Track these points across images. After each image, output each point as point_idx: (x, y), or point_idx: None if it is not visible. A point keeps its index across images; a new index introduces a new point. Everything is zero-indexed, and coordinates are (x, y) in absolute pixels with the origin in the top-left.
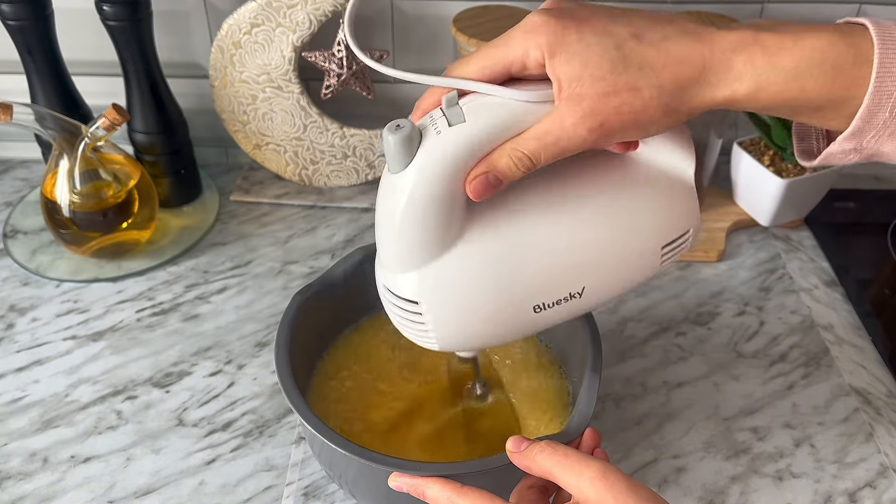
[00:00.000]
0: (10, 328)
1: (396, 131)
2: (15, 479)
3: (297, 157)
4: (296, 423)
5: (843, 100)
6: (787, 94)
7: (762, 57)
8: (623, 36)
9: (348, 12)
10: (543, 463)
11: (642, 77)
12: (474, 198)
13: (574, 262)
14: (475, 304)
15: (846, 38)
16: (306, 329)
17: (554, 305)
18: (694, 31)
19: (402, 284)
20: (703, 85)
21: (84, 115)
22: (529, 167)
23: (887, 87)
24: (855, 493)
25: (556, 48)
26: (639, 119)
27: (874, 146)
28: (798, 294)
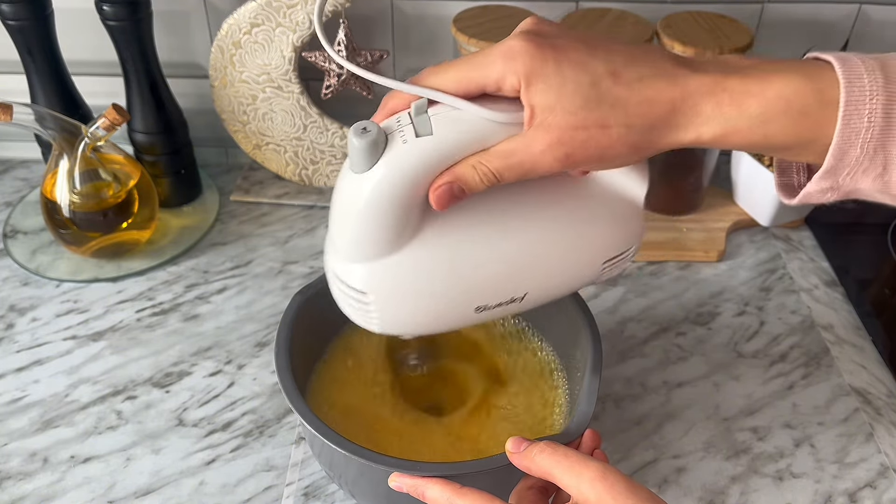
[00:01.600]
0: (10, 328)
1: (362, 135)
2: (15, 479)
3: (297, 157)
4: (296, 423)
5: (809, 141)
6: (752, 138)
7: (728, 103)
8: (600, 73)
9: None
10: (543, 463)
11: (613, 115)
12: (437, 207)
13: (520, 271)
14: (421, 299)
15: (812, 82)
16: (306, 329)
17: (495, 307)
18: (668, 73)
19: (352, 274)
20: (671, 127)
21: (84, 115)
22: (493, 183)
23: (855, 124)
24: (855, 493)
25: (533, 78)
26: (604, 154)
27: (850, 183)
28: (798, 294)
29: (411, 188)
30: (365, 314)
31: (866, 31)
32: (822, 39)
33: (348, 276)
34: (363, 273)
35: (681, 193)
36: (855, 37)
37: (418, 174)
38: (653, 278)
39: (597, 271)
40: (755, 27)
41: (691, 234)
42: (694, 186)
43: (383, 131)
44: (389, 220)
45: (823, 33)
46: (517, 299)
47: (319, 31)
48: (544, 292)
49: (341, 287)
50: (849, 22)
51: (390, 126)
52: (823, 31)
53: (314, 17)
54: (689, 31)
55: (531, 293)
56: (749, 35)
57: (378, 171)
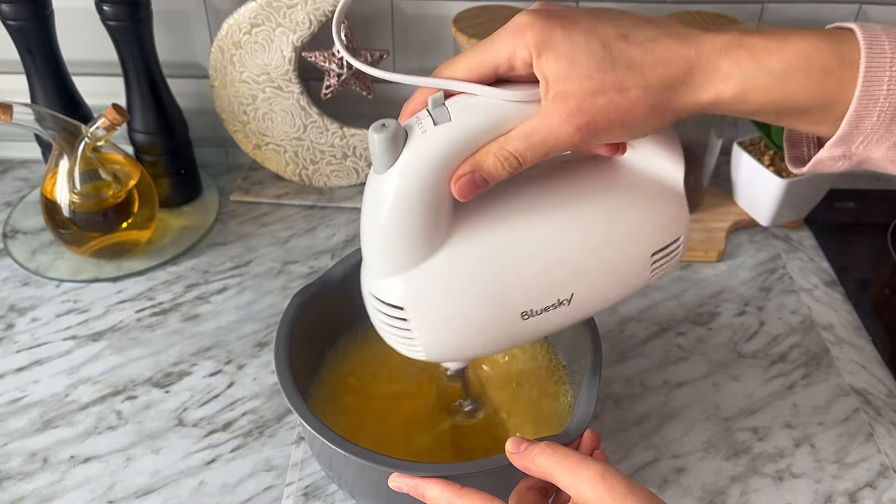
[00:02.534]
0: (10, 328)
1: (382, 130)
2: (15, 479)
3: (297, 157)
4: (296, 423)
5: (829, 103)
6: (772, 96)
7: (748, 59)
8: (610, 36)
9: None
10: (542, 464)
11: (629, 76)
12: (459, 197)
13: (562, 267)
14: (461, 309)
15: (832, 43)
16: (306, 329)
17: (542, 312)
18: (680, 33)
19: (388, 289)
20: (689, 86)
21: (84, 115)
22: (515, 167)
23: (874, 91)
24: (855, 493)
25: (543, 47)
26: (625, 119)
27: (863, 152)
28: (798, 294)
29: (436, 179)
30: (407, 337)
31: None
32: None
33: (382, 291)
34: (397, 285)
35: None
36: None
37: (441, 163)
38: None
39: (646, 267)
40: (755, 27)
41: (691, 234)
42: (694, 186)
43: (402, 127)
44: (419, 218)
45: None
46: (564, 301)
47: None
48: (593, 293)
49: (378, 307)
50: (849, 22)
51: (410, 123)
52: None
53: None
54: None
55: (578, 294)
56: None
57: (400, 165)
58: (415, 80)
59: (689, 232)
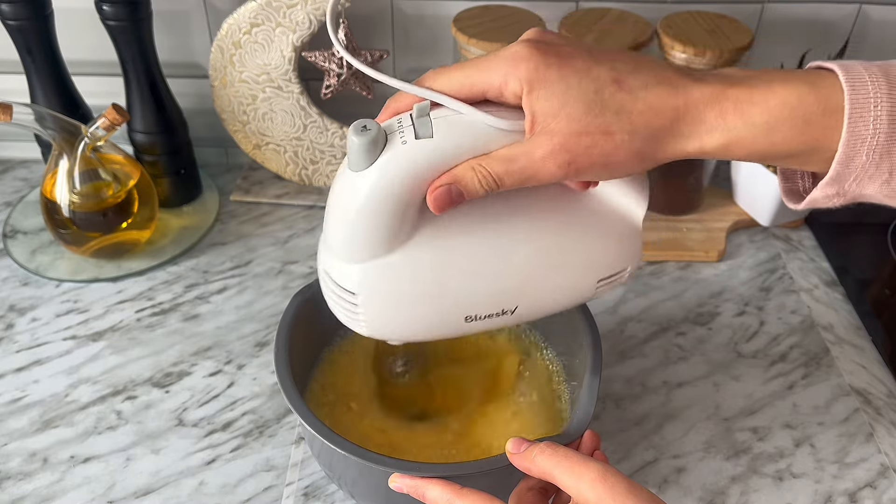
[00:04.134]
0: (10, 328)
1: (362, 133)
2: (15, 479)
3: (297, 157)
4: (296, 424)
5: (813, 150)
6: (756, 147)
7: (732, 112)
8: (604, 80)
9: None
10: (543, 464)
11: (616, 121)
12: (434, 209)
13: (511, 283)
14: (410, 305)
15: (815, 90)
16: (306, 329)
17: (485, 318)
18: (671, 82)
19: (344, 274)
20: (674, 135)
21: (84, 115)
22: (493, 188)
23: (860, 131)
24: (855, 493)
25: (536, 84)
26: (608, 161)
27: (856, 189)
28: (798, 294)
29: (408, 189)
30: (353, 315)
31: (866, 31)
32: (822, 39)
33: (340, 275)
34: (355, 274)
35: (681, 193)
36: (855, 37)
37: (416, 176)
38: (653, 278)
39: (591, 290)
40: (755, 27)
41: (691, 234)
42: (694, 186)
43: (383, 130)
44: (384, 221)
45: (823, 33)
46: (508, 311)
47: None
48: (536, 307)
49: (332, 286)
50: (849, 22)
51: (391, 126)
52: (823, 31)
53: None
54: (689, 31)
55: (522, 307)
56: (749, 35)
57: (375, 171)
58: (407, 86)
59: (641, 261)
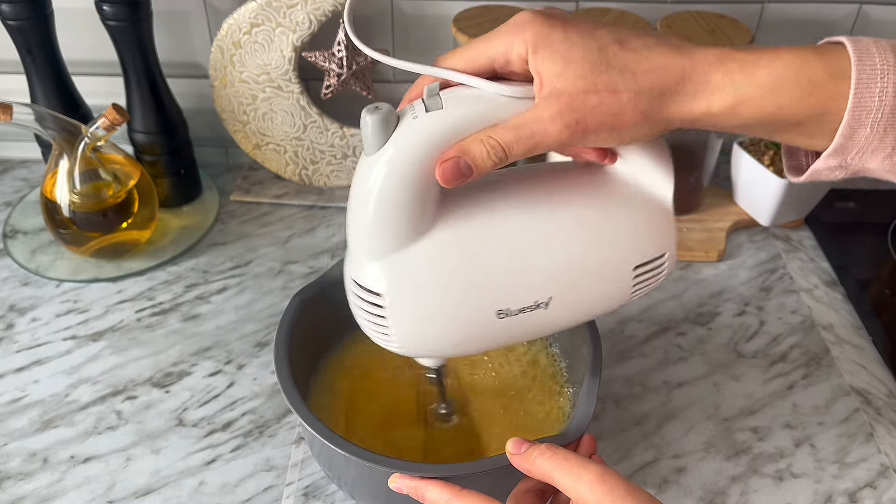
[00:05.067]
0: (10, 328)
1: (374, 112)
2: (15, 479)
3: (297, 157)
4: (296, 424)
5: (820, 115)
6: (764, 109)
7: (738, 71)
8: (607, 40)
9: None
10: (542, 465)
11: (622, 80)
12: (443, 182)
13: (541, 268)
14: (437, 299)
15: (822, 56)
16: (306, 329)
17: (518, 313)
18: (675, 44)
19: (368, 274)
20: (681, 95)
21: (84, 115)
22: (502, 157)
23: (866, 102)
24: (855, 493)
25: (540, 44)
26: (615, 121)
27: (859, 162)
28: (798, 294)
29: (423, 164)
30: (382, 326)
31: (866, 31)
32: (821, 39)
33: (362, 276)
34: (377, 271)
35: (681, 193)
36: None
37: (429, 148)
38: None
39: (628, 280)
40: (755, 27)
41: (691, 234)
42: (694, 186)
43: (394, 111)
44: (404, 201)
45: (823, 33)
46: (542, 304)
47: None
48: (572, 299)
49: (356, 291)
50: (849, 22)
51: (404, 110)
52: (823, 31)
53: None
54: (689, 31)
55: (556, 298)
56: (749, 35)
57: (389, 148)
58: (414, 66)
59: (676, 250)
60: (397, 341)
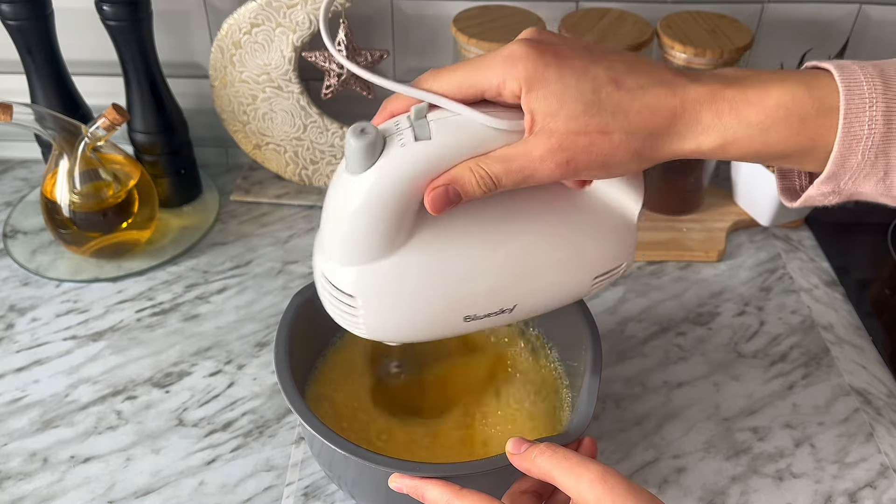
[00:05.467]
0: (10, 328)
1: (360, 136)
2: (15, 479)
3: (297, 157)
4: (296, 424)
5: (809, 149)
6: (752, 147)
7: (728, 112)
8: (602, 80)
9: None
10: (543, 465)
11: (614, 121)
12: (431, 210)
13: (511, 282)
14: (409, 306)
15: (811, 90)
16: (306, 329)
17: (484, 318)
18: (668, 83)
19: (342, 277)
20: (671, 135)
21: (84, 115)
22: (491, 188)
23: (855, 131)
24: (855, 493)
25: (535, 83)
26: (606, 161)
27: (852, 187)
28: (798, 294)
29: (406, 192)
30: (352, 318)
31: (866, 31)
32: (822, 39)
33: (337, 278)
34: (352, 277)
35: (681, 193)
36: (855, 37)
37: (414, 178)
38: (653, 278)
39: (587, 286)
40: (755, 27)
41: (691, 234)
42: (694, 186)
43: (381, 134)
44: (382, 224)
45: (823, 33)
46: (507, 310)
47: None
48: (534, 304)
49: (329, 289)
50: (849, 22)
51: (389, 129)
52: (823, 31)
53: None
54: (689, 31)
55: (521, 305)
56: (749, 35)
57: (373, 174)
58: (404, 89)
59: (634, 257)
60: (364, 330)
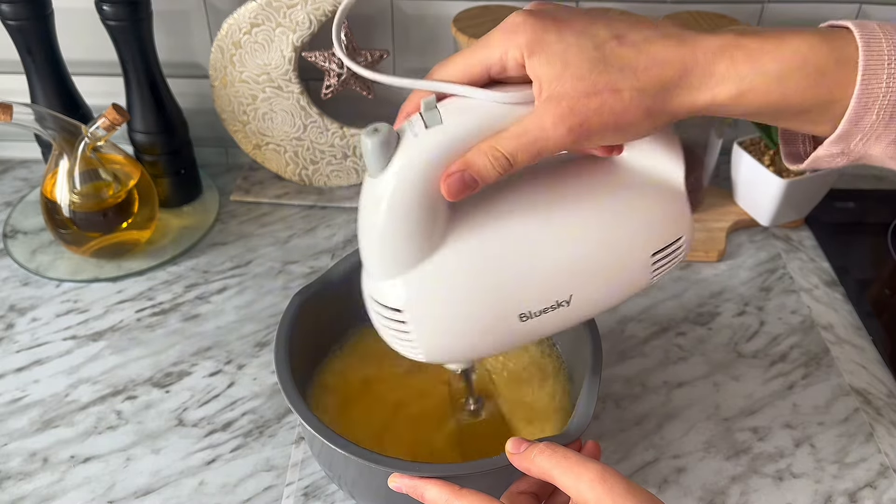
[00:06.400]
0: (10, 328)
1: (373, 135)
2: (15, 479)
3: (297, 157)
4: (296, 423)
5: (826, 103)
6: (769, 97)
7: (744, 60)
8: (603, 36)
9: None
10: (542, 464)
11: (623, 78)
12: (448, 196)
13: (559, 269)
14: (458, 310)
15: (829, 41)
16: (306, 329)
17: (540, 314)
18: (676, 35)
19: (386, 292)
20: (684, 87)
21: (84, 115)
22: (506, 167)
23: (873, 88)
24: (855, 493)
25: (536, 48)
26: (619, 121)
27: (861, 149)
28: (798, 294)
29: (428, 182)
30: (405, 338)
31: None
32: None
33: (381, 294)
34: (395, 288)
35: None
36: None
37: (433, 165)
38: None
39: (647, 267)
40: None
41: None
42: (694, 186)
43: (394, 130)
44: (414, 220)
45: None
46: (563, 303)
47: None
48: (592, 294)
49: (378, 310)
50: None
51: (403, 128)
52: None
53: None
54: None
55: (577, 295)
56: None
57: (393, 169)
58: (407, 82)
59: (693, 231)
60: (422, 351)
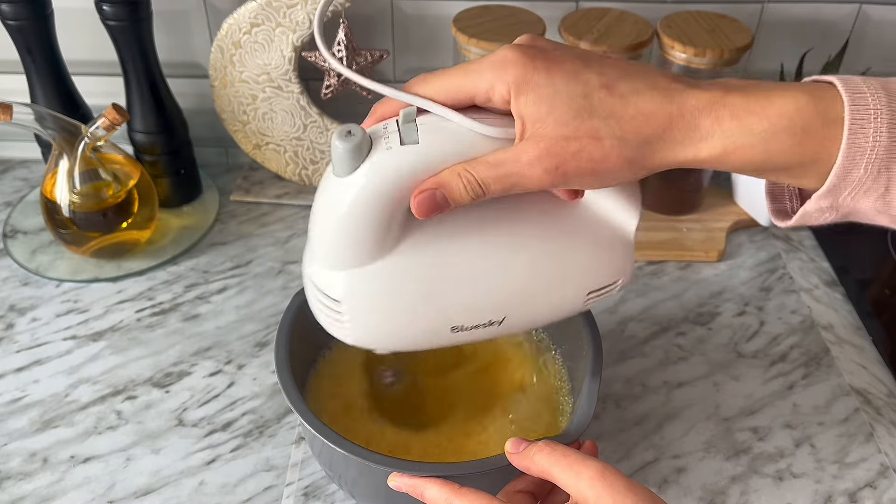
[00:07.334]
0: (10, 328)
1: (346, 139)
2: (15, 479)
3: (297, 157)
4: (296, 423)
5: (811, 161)
6: (753, 156)
7: (729, 118)
8: (593, 84)
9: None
10: (542, 463)
11: (605, 127)
12: (418, 214)
13: (499, 294)
14: (396, 314)
15: (816, 101)
16: (306, 329)
17: (472, 329)
18: (664, 87)
19: (328, 282)
20: (667, 142)
21: (84, 115)
22: (479, 194)
23: (860, 143)
24: (855, 493)
25: (524, 87)
26: (597, 168)
27: (850, 203)
28: (798, 294)
29: (392, 195)
30: (338, 325)
31: (866, 31)
32: (821, 39)
33: (324, 283)
34: (339, 281)
35: (681, 193)
36: (855, 37)
37: (400, 182)
38: (653, 278)
39: (580, 302)
40: (755, 27)
41: (691, 234)
42: (694, 186)
43: (368, 136)
44: (369, 227)
45: (823, 33)
46: (495, 322)
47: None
48: (524, 318)
49: (317, 294)
50: (849, 22)
51: (377, 132)
52: (823, 31)
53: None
54: (689, 31)
55: (510, 317)
56: (749, 35)
57: (359, 176)
58: (394, 93)
59: (633, 274)
60: (351, 337)
